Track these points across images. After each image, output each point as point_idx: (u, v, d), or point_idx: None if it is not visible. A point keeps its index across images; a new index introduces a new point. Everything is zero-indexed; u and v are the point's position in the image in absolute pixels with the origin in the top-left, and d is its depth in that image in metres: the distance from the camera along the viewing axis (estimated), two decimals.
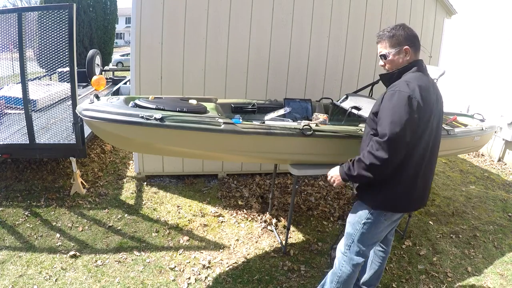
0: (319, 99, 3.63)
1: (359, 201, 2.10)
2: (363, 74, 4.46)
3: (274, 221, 3.55)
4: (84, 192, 3.90)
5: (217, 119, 2.38)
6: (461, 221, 3.87)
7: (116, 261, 2.88)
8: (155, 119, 2.19)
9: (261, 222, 3.54)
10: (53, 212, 3.52)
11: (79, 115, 2.31)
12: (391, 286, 2.78)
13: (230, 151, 2.56)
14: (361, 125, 2.84)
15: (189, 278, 2.74)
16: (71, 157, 3.70)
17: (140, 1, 3.64)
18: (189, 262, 2.93)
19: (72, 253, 2.91)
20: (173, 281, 2.70)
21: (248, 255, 3.06)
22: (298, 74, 4.29)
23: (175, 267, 2.85)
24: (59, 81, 4.63)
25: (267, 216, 3.60)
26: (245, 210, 3.75)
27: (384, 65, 2.04)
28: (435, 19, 4.55)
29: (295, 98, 3.36)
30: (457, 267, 3.07)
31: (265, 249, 3.15)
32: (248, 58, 4.08)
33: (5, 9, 4.17)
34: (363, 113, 2.91)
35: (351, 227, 2.13)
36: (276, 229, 3.43)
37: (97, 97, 2.46)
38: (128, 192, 4.05)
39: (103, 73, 8.54)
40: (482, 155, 6.36)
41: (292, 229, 3.43)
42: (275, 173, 3.65)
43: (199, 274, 2.79)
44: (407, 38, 1.95)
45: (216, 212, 3.69)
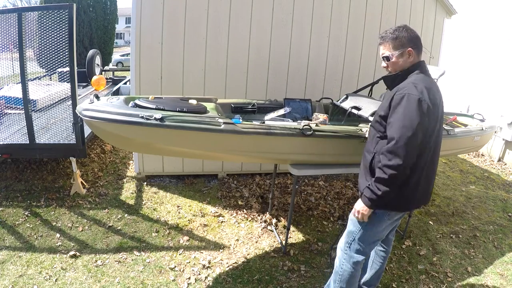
0: (319, 99, 3.63)
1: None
2: (363, 74, 4.46)
3: (274, 221, 3.55)
4: (84, 192, 3.90)
5: (217, 119, 2.38)
6: (461, 221, 3.87)
7: (116, 261, 2.88)
8: (155, 119, 2.20)
9: (261, 222, 3.54)
10: (53, 212, 3.52)
11: (79, 115, 2.31)
12: (391, 286, 2.78)
13: (230, 151, 2.56)
14: (361, 125, 2.84)
15: (189, 278, 2.74)
16: (71, 157, 3.70)
17: (140, 1, 3.64)
18: (189, 262, 2.93)
19: (72, 253, 2.92)
20: (173, 281, 2.70)
21: (248, 255, 3.06)
22: (298, 74, 4.29)
23: (175, 267, 2.85)
24: (59, 81, 4.63)
25: (267, 216, 3.60)
26: (245, 210, 3.75)
27: (387, 67, 2.04)
28: (435, 19, 4.55)
29: (295, 98, 3.36)
30: (457, 267, 3.07)
31: (265, 249, 3.15)
32: (248, 58, 4.08)
33: (5, 9, 4.18)
34: (363, 113, 2.91)
35: (353, 224, 2.13)
36: (276, 229, 3.43)
37: (97, 97, 2.47)
38: (128, 192, 4.05)
39: (103, 73, 8.54)
40: (482, 155, 6.36)
41: (292, 229, 3.43)
42: (275, 173, 3.65)
43: (199, 274, 2.79)
44: (410, 40, 1.95)
45: (216, 212, 3.69)
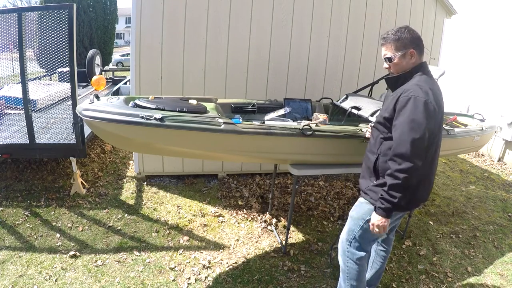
0: (319, 99, 3.63)
1: (364, 199, 2.11)
2: (363, 74, 4.46)
3: (274, 221, 3.55)
4: (84, 192, 3.90)
5: (217, 119, 2.38)
6: (461, 221, 3.87)
7: (116, 261, 2.88)
8: (155, 119, 2.20)
9: (261, 222, 3.54)
10: (53, 212, 3.52)
11: (79, 115, 2.31)
12: (391, 286, 2.78)
13: (230, 151, 2.56)
14: (361, 125, 2.84)
15: (189, 278, 2.74)
16: (71, 157, 3.70)
17: (140, 1, 3.64)
18: (189, 262, 2.93)
19: (72, 253, 2.92)
20: (173, 281, 2.70)
21: (248, 255, 3.06)
22: (298, 74, 4.29)
23: (175, 267, 2.85)
24: (59, 81, 4.63)
25: (267, 216, 3.60)
26: (245, 210, 3.75)
27: (388, 68, 2.04)
28: (435, 19, 4.55)
29: (295, 98, 3.36)
30: (457, 267, 3.07)
31: (265, 249, 3.15)
32: (248, 58, 4.08)
33: (5, 9, 4.18)
34: (363, 113, 2.91)
35: (354, 222, 2.13)
36: (276, 229, 3.43)
37: (97, 97, 2.46)
38: (128, 192, 4.05)
39: (103, 73, 8.54)
40: (482, 155, 6.36)
41: (292, 229, 3.43)
42: (275, 173, 3.65)
43: (199, 274, 2.79)
44: (412, 41, 1.95)
45: (216, 212, 3.69)
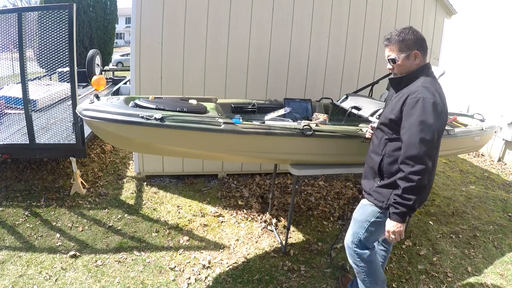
0: (319, 99, 3.63)
1: (367, 201, 2.11)
2: (363, 74, 4.46)
3: (274, 221, 3.55)
4: (84, 192, 3.90)
5: (217, 119, 2.38)
6: (461, 221, 3.87)
7: (116, 261, 2.88)
8: (155, 119, 2.20)
9: (261, 222, 3.54)
10: (53, 212, 3.52)
11: (79, 115, 2.31)
12: (391, 286, 2.77)
13: (230, 151, 2.56)
14: (361, 125, 2.84)
15: (189, 278, 2.74)
16: (71, 157, 3.70)
17: (140, 1, 3.64)
18: (189, 262, 2.93)
19: (72, 253, 2.92)
20: (173, 281, 2.70)
21: (248, 255, 3.06)
22: (298, 74, 4.29)
23: (175, 267, 2.85)
24: (59, 81, 4.63)
25: (267, 216, 3.60)
26: (245, 210, 3.75)
27: (392, 69, 2.04)
28: (435, 19, 4.55)
29: (295, 98, 3.36)
30: (457, 267, 3.07)
31: (265, 249, 3.15)
32: (248, 58, 4.08)
33: (5, 9, 4.17)
34: (363, 113, 2.91)
35: (358, 225, 2.14)
36: (276, 229, 3.43)
37: (97, 97, 2.46)
38: (128, 192, 4.05)
39: (103, 73, 8.54)
40: (482, 155, 6.36)
41: (292, 229, 3.43)
42: (275, 173, 3.65)
43: (199, 274, 2.79)
44: (416, 42, 1.94)
45: (216, 212, 3.69)
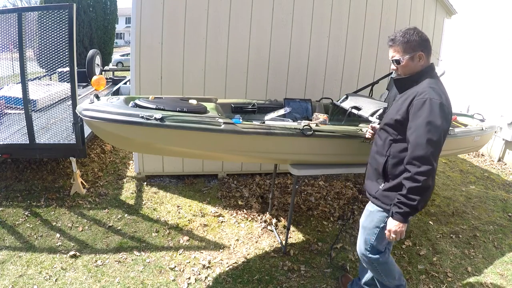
0: (319, 99, 3.63)
1: (375, 206, 2.10)
2: (363, 74, 4.46)
3: (274, 221, 3.55)
4: (84, 192, 3.90)
5: (217, 119, 2.38)
6: (461, 221, 3.87)
7: (116, 261, 2.88)
8: (155, 119, 2.19)
9: (261, 222, 3.54)
10: (53, 212, 3.52)
11: (79, 115, 2.31)
12: None
13: (230, 151, 2.56)
14: (361, 125, 2.84)
15: (189, 278, 2.74)
16: (71, 157, 3.70)
17: (140, 1, 3.64)
18: (189, 262, 2.93)
19: (72, 253, 2.92)
20: (173, 281, 2.70)
21: (248, 255, 3.06)
22: (298, 74, 4.29)
23: (175, 267, 2.85)
24: (59, 81, 4.63)
25: (267, 216, 3.60)
26: (245, 210, 3.75)
27: (396, 69, 2.04)
28: (435, 19, 4.55)
29: (295, 98, 3.36)
30: (457, 267, 3.07)
31: (265, 249, 3.15)
32: (248, 58, 4.08)
33: (5, 9, 4.17)
34: (363, 113, 2.91)
35: (368, 232, 2.14)
36: (276, 229, 3.43)
37: (97, 97, 2.46)
38: (128, 192, 4.05)
39: (103, 73, 8.54)
40: (482, 155, 6.36)
41: (292, 229, 3.43)
42: (275, 173, 3.65)
43: (199, 274, 2.79)
44: (420, 43, 1.94)
45: (216, 212, 3.69)
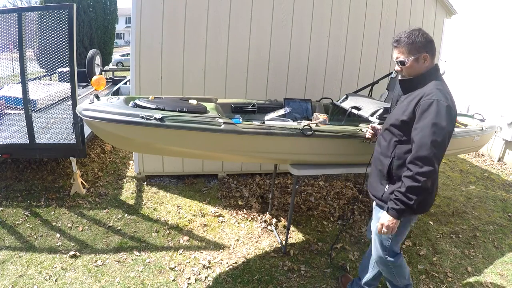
0: (319, 99, 3.63)
1: (383, 211, 2.08)
2: (363, 74, 4.46)
3: (274, 221, 3.55)
4: (84, 192, 3.90)
5: (217, 119, 2.38)
6: (461, 221, 3.87)
7: (116, 261, 2.88)
8: (155, 119, 2.19)
9: (261, 222, 3.54)
10: (53, 212, 3.52)
11: (79, 115, 2.31)
12: None
13: (230, 151, 2.56)
14: (361, 125, 2.84)
15: (189, 278, 2.74)
16: (71, 157, 3.70)
17: (140, 1, 3.64)
18: (189, 262, 2.93)
19: (72, 253, 2.92)
20: (173, 281, 2.70)
21: (248, 255, 3.06)
22: (298, 74, 4.29)
23: (175, 267, 2.85)
24: (59, 81, 4.63)
25: (267, 216, 3.60)
26: (245, 210, 3.75)
27: (400, 71, 2.04)
28: (435, 19, 4.55)
29: (295, 98, 3.36)
30: (457, 267, 3.07)
31: (265, 249, 3.15)
32: (248, 58, 4.08)
33: (5, 9, 4.17)
34: (363, 113, 2.91)
35: (383, 237, 2.15)
36: (276, 229, 3.43)
37: (97, 97, 2.47)
38: (128, 192, 4.05)
39: (103, 73, 8.54)
40: (482, 155, 6.36)
41: (292, 229, 3.43)
42: (275, 173, 3.65)
43: (199, 274, 2.79)
44: (425, 44, 1.94)
45: (216, 212, 3.69)
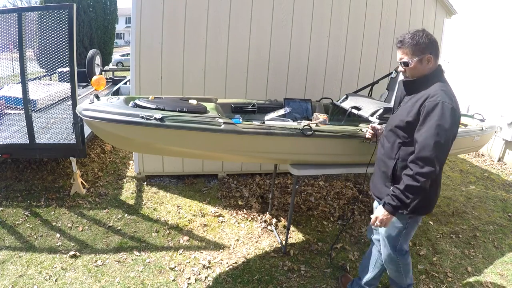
0: (319, 99, 3.63)
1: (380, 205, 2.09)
2: (363, 74, 4.46)
3: (274, 221, 3.55)
4: (84, 192, 3.90)
5: (217, 119, 2.38)
6: (461, 221, 3.86)
7: (116, 261, 2.88)
8: (155, 119, 2.19)
9: (261, 222, 3.54)
10: (53, 212, 3.52)
11: (79, 115, 2.31)
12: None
13: (230, 151, 2.56)
14: (361, 125, 2.84)
15: (189, 278, 2.74)
16: (71, 157, 3.70)
17: (140, 1, 3.64)
18: (189, 262, 2.93)
19: (72, 253, 2.92)
20: (173, 281, 2.70)
21: (248, 255, 3.06)
22: (298, 74, 4.29)
23: (175, 267, 2.85)
24: (59, 81, 4.63)
25: (267, 216, 3.60)
26: (245, 210, 3.75)
27: (404, 71, 2.04)
28: (435, 19, 4.55)
29: (295, 98, 3.36)
30: (457, 267, 3.07)
31: (265, 249, 3.15)
32: (248, 58, 4.08)
33: (5, 9, 4.17)
34: (363, 113, 2.91)
35: (393, 239, 2.17)
36: (276, 229, 3.43)
37: (97, 97, 2.46)
38: (128, 192, 4.05)
39: (103, 73, 8.54)
40: (482, 155, 6.36)
41: (292, 229, 3.43)
42: (275, 173, 3.65)
43: (199, 274, 2.79)
44: (429, 45, 1.94)
45: (216, 212, 3.69)
